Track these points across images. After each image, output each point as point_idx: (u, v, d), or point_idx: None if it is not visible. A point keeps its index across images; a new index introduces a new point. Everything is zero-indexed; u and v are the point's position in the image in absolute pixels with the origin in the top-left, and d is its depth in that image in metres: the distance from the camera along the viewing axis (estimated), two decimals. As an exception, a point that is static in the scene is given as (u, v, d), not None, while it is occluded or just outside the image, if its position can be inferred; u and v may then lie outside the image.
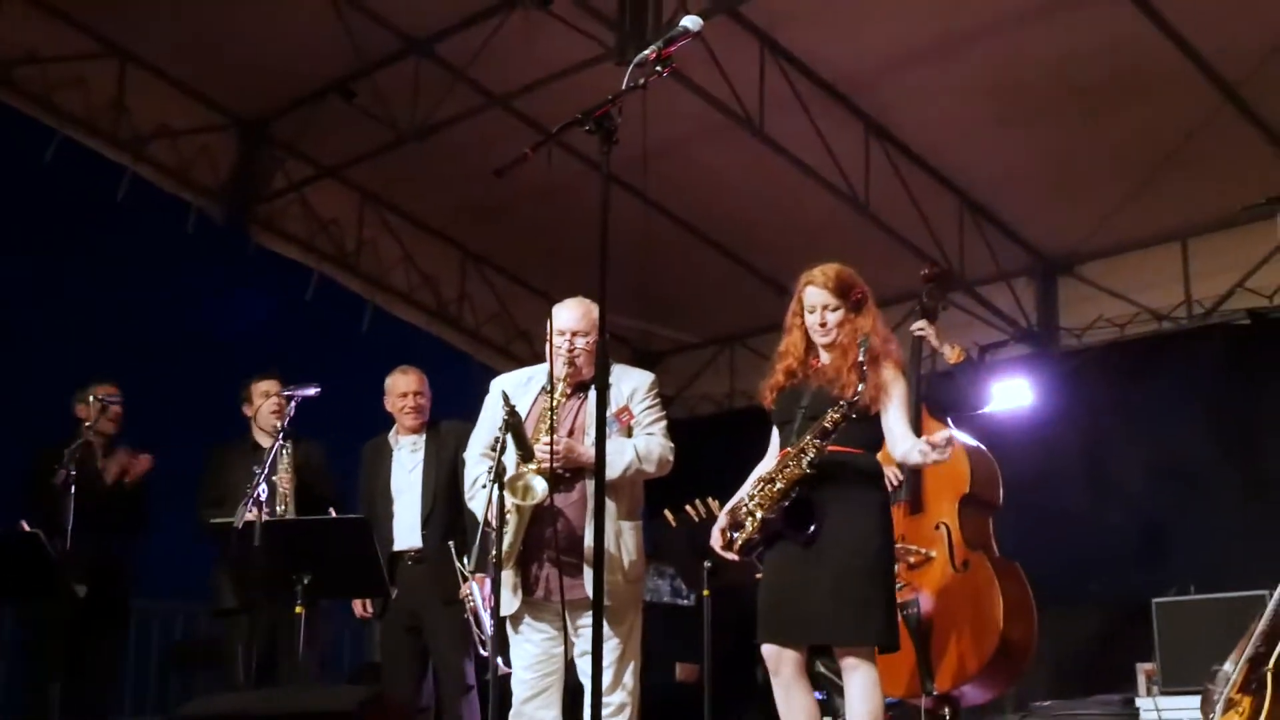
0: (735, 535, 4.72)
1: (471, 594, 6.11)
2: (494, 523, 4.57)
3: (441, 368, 9.60)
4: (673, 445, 4.99)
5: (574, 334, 4.94)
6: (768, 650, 4.73)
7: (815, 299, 4.79)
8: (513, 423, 4.61)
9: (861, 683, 4.58)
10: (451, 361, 10.43)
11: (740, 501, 4.76)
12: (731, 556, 4.77)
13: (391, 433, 6.56)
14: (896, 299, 9.02)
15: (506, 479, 4.63)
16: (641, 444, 4.89)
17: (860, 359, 4.56)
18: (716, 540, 4.80)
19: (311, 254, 9.70)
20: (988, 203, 9.00)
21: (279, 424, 6.11)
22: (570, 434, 4.89)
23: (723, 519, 4.82)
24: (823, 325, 4.77)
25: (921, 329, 6.07)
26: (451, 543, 6.18)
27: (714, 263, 9.87)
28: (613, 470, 4.75)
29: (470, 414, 5.21)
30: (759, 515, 4.65)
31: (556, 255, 9.06)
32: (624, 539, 4.88)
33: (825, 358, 4.82)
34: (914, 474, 5.79)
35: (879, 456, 4.79)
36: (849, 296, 4.76)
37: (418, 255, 10.18)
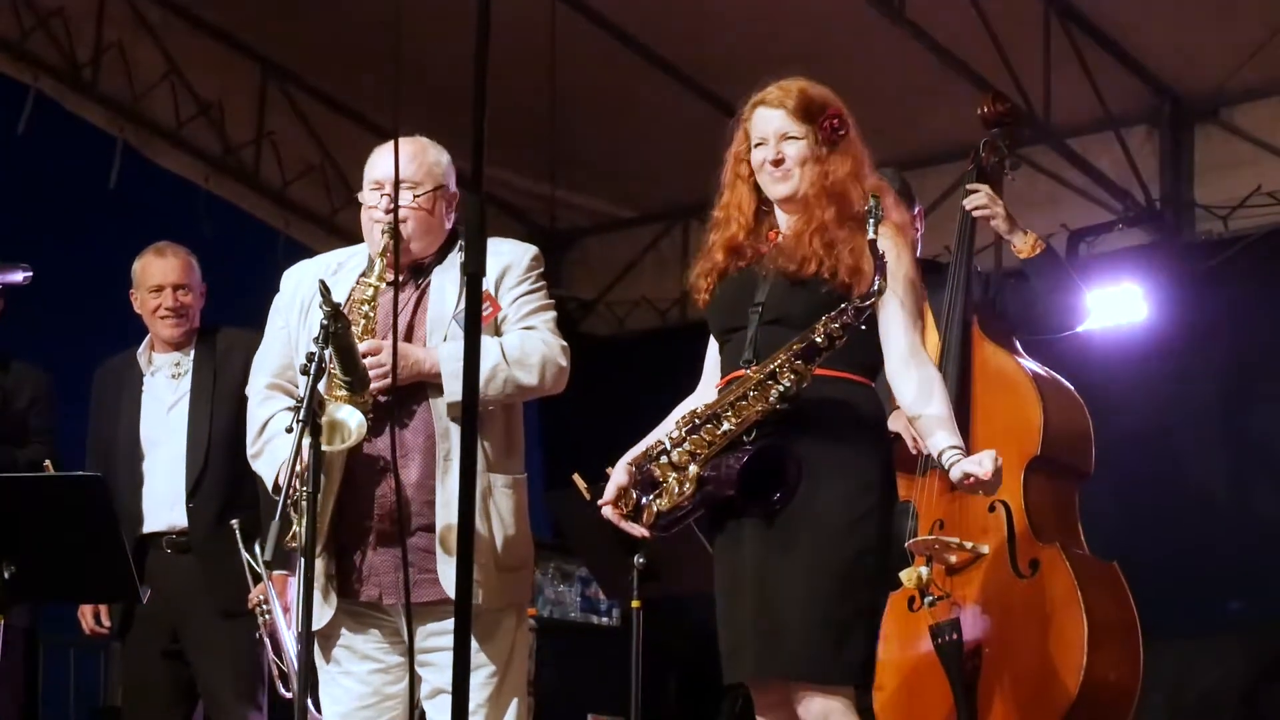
0: (646, 499, 4.74)
1: (267, 602, 6.15)
2: (298, 485, 4.54)
3: (228, 247, 9.62)
4: (565, 344, 5.01)
5: (398, 186, 4.91)
6: (760, 696, 4.79)
7: (766, 125, 4.83)
8: (336, 330, 4.58)
9: None
10: (243, 237, 10.44)
11: (656, 446, 4.76)
12: (638, 531, 4.80)
13: (141, 349, 6.58)
14: (945, 154, 9.14)
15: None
16: (512, 340, 4.91)
17: (871, 232, 4.56)
18: (609, 499, 4.82)
19: (25, 64, 9.71)
20: (1090, 8, 9.07)
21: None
22: (406, 340, 4.89)
23: (621, 472, 4.82)
24: (777, 163, 4.81)
25: (979, 203, 6.12)
26: (236, 522, 6.22)
27: (659, 92, 9.88)
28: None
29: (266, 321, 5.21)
30: (692, 471, 4.66)
31: (413, 75, 9.03)
32: (495, 503, 4.91)
33: (784, 222, 4.86)
34: (959, 418, 5.81)
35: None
36: (818, 122, 4.79)
37: (191, 69, 10.19)
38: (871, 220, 4.58)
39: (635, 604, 6.32)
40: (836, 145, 4.80)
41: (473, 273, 3.72)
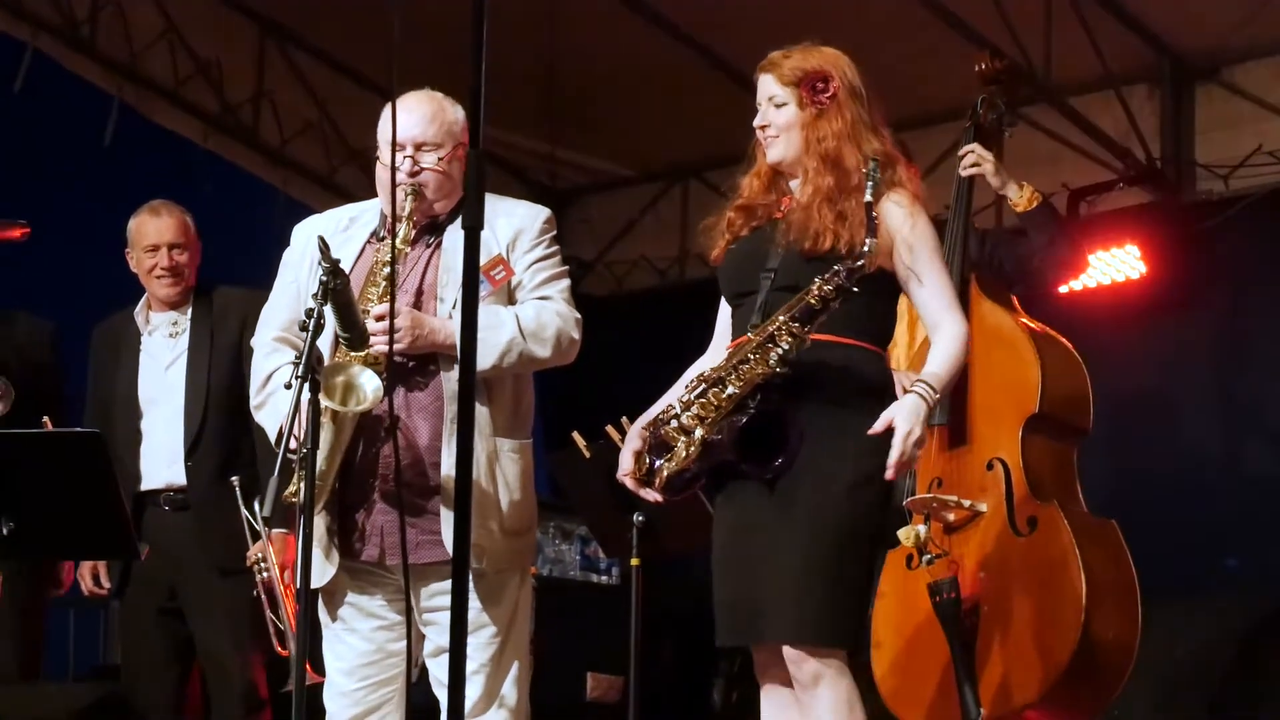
0: (659, 463, 4.76)
1: (266, 560, 6.17)
2: (300, 439, 4.54)
3: (226, 205, 9.62)
4: (578, 316, 5.02)
5: (419, 147, 4.94)
6: (757, 657, 4.82)
7: (761, 91, 4.87)
8: (336, 287, 4.57)
9: (831, 703, 4.66)
10: (242, 195, 10.45)
11: (668, 411, 4.79)
12: (651, 496, 4.82)
13: (138, 308, 6.58)
14: (945, 114, 9.13)
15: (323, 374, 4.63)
16: (528, 313, 4.91)
17: (868, 194, 4.58)
18: (626, 466, 4.85)
19: (23, 21, 9.71)
20: (1090, -34, 9.09)
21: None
22: (418, 303, 4.91)
23: (635, 437, 4.86)
24: (762, 129, 4.85)
25: (974, 162, 6.12)
26: (235, 479, 6.24)
27: (660, 51, 9.85)
28: (483, 356, 4.71)
29: (266, 280, 5.21)
30: (698, 434, 4.68)
31: (412, 34, 9.03)
32: (502, 467, 4.91)
33: (796, 189, 4.86)
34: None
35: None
36: (805, 86, 4.78)
37: (189, 27, 10.19)
38: (870, 183, 4.59)
39: (634, 562, 6.36)
40: (823, 109, 4.78)
41: (470, 226, 3.75)
